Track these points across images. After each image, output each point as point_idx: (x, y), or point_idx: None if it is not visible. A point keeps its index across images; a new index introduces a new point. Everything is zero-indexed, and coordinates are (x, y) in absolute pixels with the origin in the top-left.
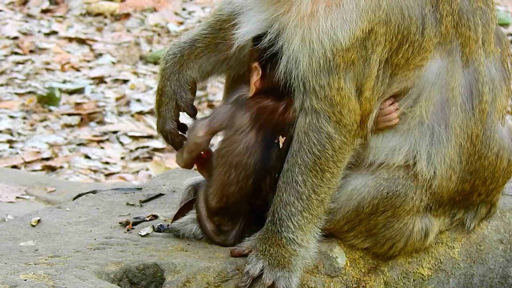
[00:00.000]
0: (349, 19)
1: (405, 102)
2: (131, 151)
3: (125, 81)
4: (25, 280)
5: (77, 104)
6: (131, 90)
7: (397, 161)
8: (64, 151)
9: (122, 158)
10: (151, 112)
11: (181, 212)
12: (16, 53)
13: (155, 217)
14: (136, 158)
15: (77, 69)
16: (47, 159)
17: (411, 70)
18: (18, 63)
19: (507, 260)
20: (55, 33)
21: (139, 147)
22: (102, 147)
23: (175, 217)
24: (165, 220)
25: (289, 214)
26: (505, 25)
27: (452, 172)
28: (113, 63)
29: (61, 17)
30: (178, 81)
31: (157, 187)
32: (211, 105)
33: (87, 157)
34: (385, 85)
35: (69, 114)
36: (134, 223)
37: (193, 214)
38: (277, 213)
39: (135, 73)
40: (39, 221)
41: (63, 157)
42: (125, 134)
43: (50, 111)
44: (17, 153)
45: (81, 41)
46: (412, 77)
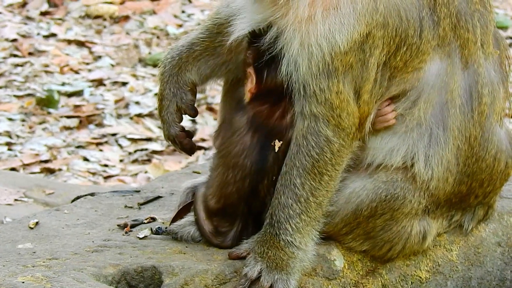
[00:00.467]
0: (346, 22)
1: (403, 104)
2: (130, 153)
3: (124, 84)
4: (23, 283)
5: (76, 107)
6: (130, 92)
7: (395, 162)
8: (63, 153)
9: (121, 160)
10: (150, 115)
11: (179, 214)
12: (15, 56)
13: (153, 219)
14: (135, 161)
15: (76, 72)
16: (45, 161)
17: (409, 73)
18: (17, 65)
19: (505, 263)
20: (54, 35)
21: (138, 150)
22: (101, 150)
23: (173, 219)
24: (163, 223)
25: (287, 216)
26: (504, 28)
27: (449, 174)
28: (112, 65)
29: (60, 19)
30: (177, 83)
31: (155, 189)
32: (211, 108)
33: (86, 159)
34: (383, 87)
35: (68, 117)
36: (132, 226)
37: (191, 216)
38: (275, 216)
39: (134, 75)
40: (37, 223)
41: (62, 159)
42: (124, 136)
43: (49, 113)
44: (15, 155)
45: (80, 44)
46: (411, 79)
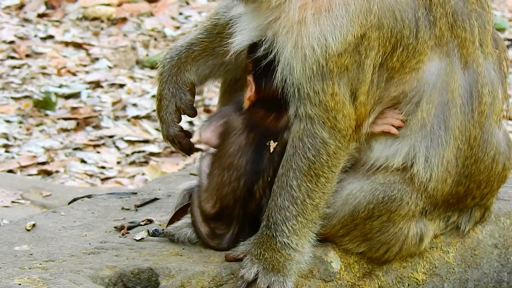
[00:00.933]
0: (339, 24)
1: (406, 107)
2: (127, 155)
3: (121, 86)
4: (20, 285)
5: (73, 109)
6: (127, 94)
7: (396, 162)
8: (60, 155)
9: (118, 162)
10: (148, 117)
11: (176, 216)
12: (13, 58)
13: (150, 221)
14: (132, 163)
15: (74, 74)
16: (43, 163)
17: (407, 73)
18: (14, 67)
19: (502, 265)
20: (51, 37)
21: (135, 152)
22: (98, 152)
23: (170, 221)
24: (160, 225)
25: (284, 218)
26: (502, 30)
27: (448, 175)
28: (110, 67)
29: (57, 21)
30: (176, 83)
31: (152, 191)
32: (208, 110)
33: (83, 161)
34: (381, 89)
35: (65, 119)
36: (129, 228)
37: (188, 218)
38: (272, 218)
39: (132, 77)
40: (34, 225)
41: (59, 161)
42: (121, 138)
43: (46, 115)
44: (13, 157)
45: (78, 46)
46: (409, 80)
